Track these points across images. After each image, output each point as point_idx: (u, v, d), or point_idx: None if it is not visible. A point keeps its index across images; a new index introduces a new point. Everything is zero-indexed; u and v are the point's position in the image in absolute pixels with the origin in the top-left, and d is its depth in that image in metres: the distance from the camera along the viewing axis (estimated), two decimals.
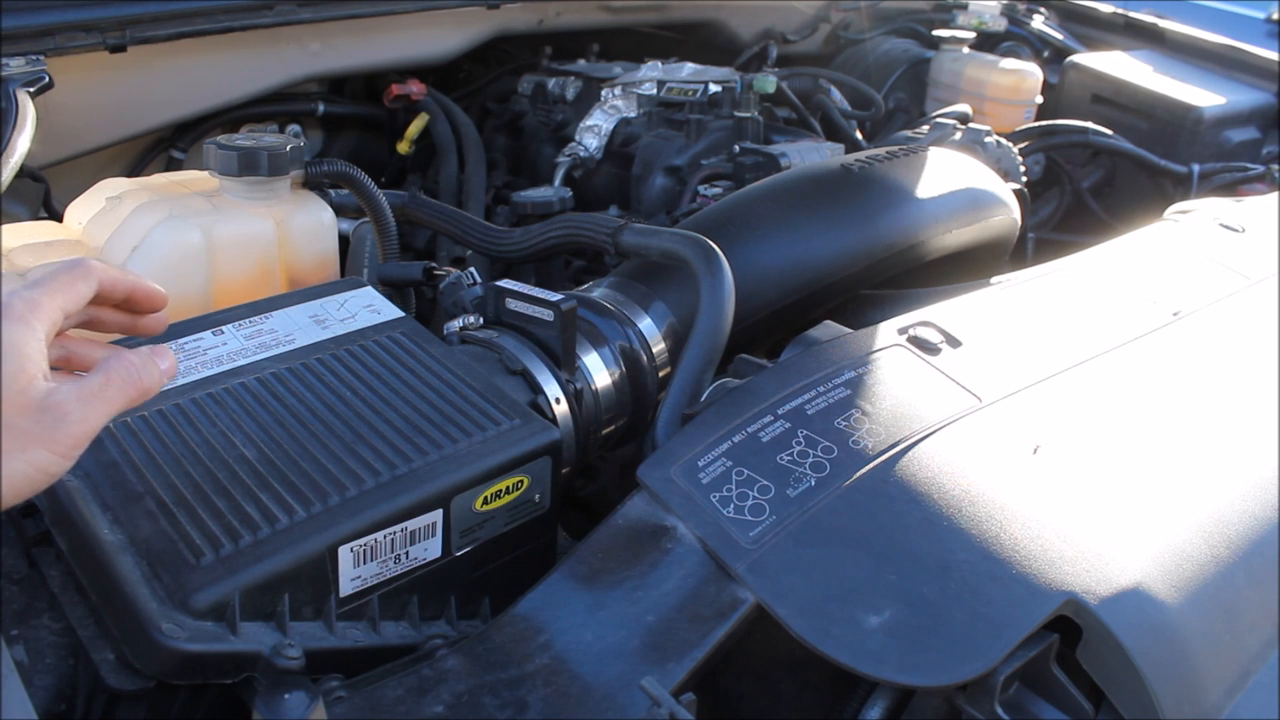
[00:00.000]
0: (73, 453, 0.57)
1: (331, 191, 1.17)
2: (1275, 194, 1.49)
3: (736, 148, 1.54)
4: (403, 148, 1.83)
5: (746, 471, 0.76)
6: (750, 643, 0.70)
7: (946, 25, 2.27)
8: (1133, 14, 2.36)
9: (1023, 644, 0.65)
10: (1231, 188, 1.83)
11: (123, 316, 0.69)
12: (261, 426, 0.79)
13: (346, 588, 0.73)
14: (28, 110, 1.16)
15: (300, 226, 1.09)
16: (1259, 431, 0.91)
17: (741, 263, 1.03)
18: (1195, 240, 1.22)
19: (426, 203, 1.26)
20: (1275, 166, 1.86)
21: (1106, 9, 2.44)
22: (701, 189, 1.51)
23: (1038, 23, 2.41)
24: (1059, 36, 2.37)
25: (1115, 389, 0.91)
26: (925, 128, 1.67)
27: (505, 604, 0.74)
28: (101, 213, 1.05)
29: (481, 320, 0.99)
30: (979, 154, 1.59)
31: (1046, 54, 2.32)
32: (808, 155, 1.52)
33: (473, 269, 1.08)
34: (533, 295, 0.95)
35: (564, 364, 0.94)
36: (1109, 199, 2.03)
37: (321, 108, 1.78)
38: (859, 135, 1.86)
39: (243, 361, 0.86)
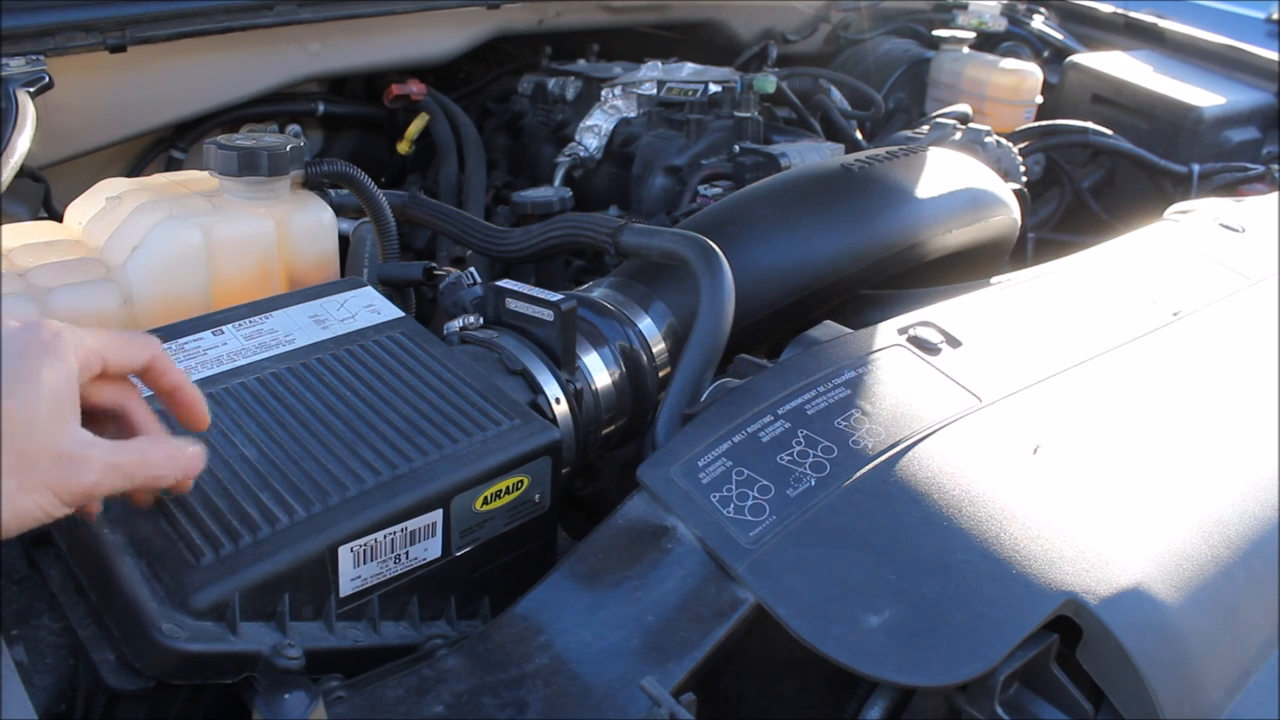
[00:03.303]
0: (76, 504, 0.57)
1: (331, 191, 1.17)
2: (1275, 194, 1.49)
3: (736, 148, 1.54)
4: (403, 148, 1.83)
5: (746, 471, 0.76)
6: (750, 643, 0.70)
7: (946, 25, 2.27)
8: (1133, 14, 2.36)
9: (1023, 644, 0.65)
10: (1231, 188, 1.83)
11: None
12: (261, 426, 0.79)
13: (346, 588, 0.73)
14: (28, 110, 1.16)
15: (300, 226, 1.09)
16: (1259, 431, 0.91)
17: (741, 263, 1.03)
18: (1195, 240, 1.22)
19: (426, 203, 1.26)
20: (1275, 166, 1.86)
21: (1106, 9, 2.44)
22: (701, 189, 1.51)
23: (1038, 23, 2.41)
24: (1059, 36, 2.37)
25: (1115, 389, 0.91)
26: (925, 128, 1.67)
27: (505, 604, 0.74)
28: (101, 213, 1.05)
29: (481, 320, 0.99)
30: (979, 154, 1.59)
31: (1046, 54, 2.32)
32: (808, 155, 1.52)
33: (473, 269, 1.08)
34: (533, 295, 0.95)
35: (564, 364, 0.94)
36: (1109, 199, 2.03)
37: (321, 108, 1.78)
38: (859, 135, 1.86)
39: (243, 361, 0.86)
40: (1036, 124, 1.90)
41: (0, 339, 0.55)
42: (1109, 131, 1.87)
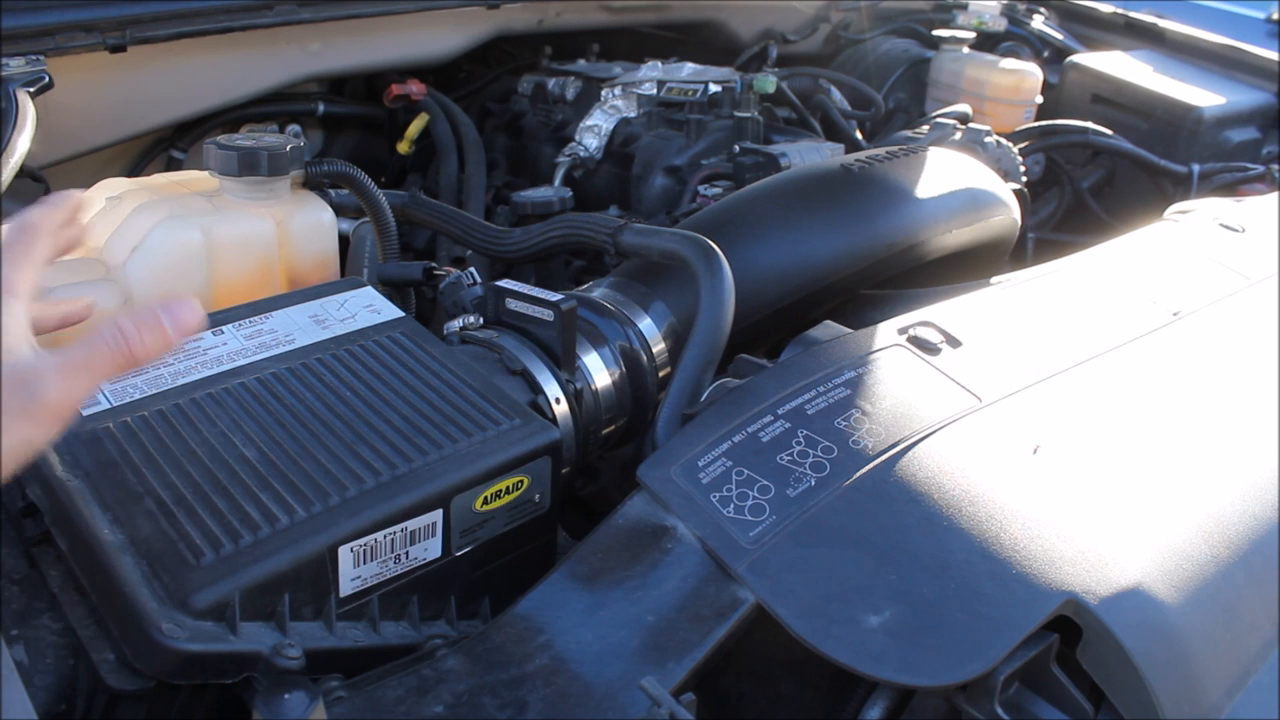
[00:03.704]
0: (55, 424, 0.56)
1: (331, 191, 1.17)
2: (1275, 194, 1.49)
3: (736, 148, 1.54)
4: (403, 148, 1.83)
5: (746, 471, 0.76)
6: (750, 643, 0.70)
7: (946, 25, 2.27)
8: (1133, 14, 2.36)
9: (1023, 644, 0.65)
10: (1231, 188, 1.82)
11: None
12: (261, 426, 0.79)
13: (346, 588, 0.73)
14: (28, 110, 1.16)
15: (300, 226, 1.09)
16: (1259, 431, 0.91)
17: (741, 263, 1.03)
18: (1195, 240, 1.22)
19: (426, 203, 1.26)
20: (1275, 166, 1.85)
21: (1106, 9, 2.44)
22: (701, 189, 1.51)
23: (1038, 23, 2.41)
24: (1059, 36, 2.37)
25: (1115, 389, 0.91)
26: (925, 128, 1.67)
27: (505, 604, 0.74)
28: (101, 213, 1.05)
29: (481, 320, 0.99)
30: (979, 154, 1.59)
31: (1046, 54, 2.32)
32: (808, 155, 1.52)
33: (473, 269, 1.08)
34: (533, 295, 0.95)
35: (564, 364, 0.94)
36: (1109, 199, 2.03)
37: (321, 108, 1.78)
38: (859, 135, 1.86)
39: (243, 361, 0.86)
40: (1036, 124, 1.89)
41: None
42: (1109, 131, 1.87)
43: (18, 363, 0.55)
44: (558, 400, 0.93)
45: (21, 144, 1.11)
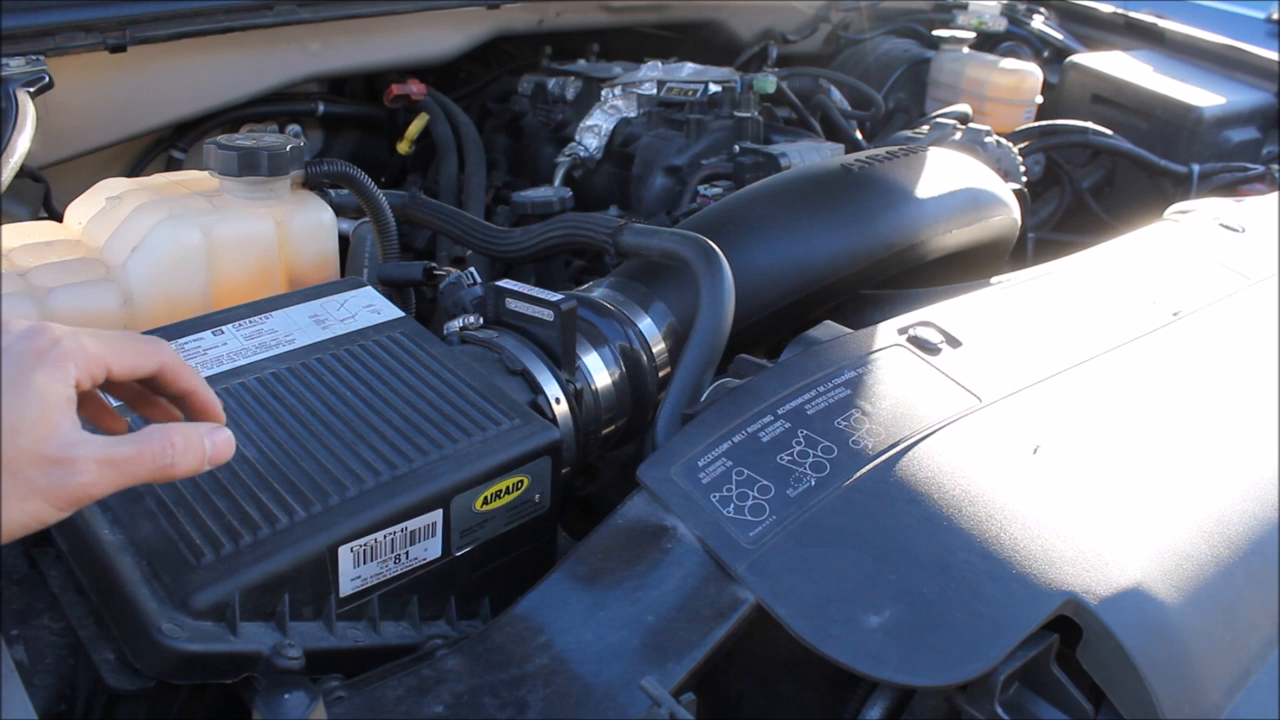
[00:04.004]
0: (72, 507, 0.55)
1: (331, 191, 1.17)
2: (1275, 194, 1.49)
3: (736, 148, 1.54)
4: (403, 148, 1.83)
5: (746, 471, 0.76)
6: (750, 643, 0.70)
7: (946, 25, 2.27)
8: (1133, 14, 2.36)
9: (1023, 644, 0.65)
10: (1231, 188, 1.83)
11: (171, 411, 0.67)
12: (261, 426, 0.79)
13: (346, 588, 0.73)
14: (28, 110, 1.16)
15: (300, 226, 1.09)
16: (1259, 431, 0.91)
17: (741, 263, 1.03)
18: (1195, 240, 1.22)
19: (426, 203, 1.26)
20: (1275, 166, 1.85)
21: (1106, 9, 2.44)
22: (701, 189, 1.51)
23: (1038, 23, 2.41)
24: (1059, 36, 2.37)
25: (1115, 389, 0.91)
26: (925, 128, 1.67)
27: (505, 604, 0.74)
28: (101, 213, 1.05)
29: (481, 320, 0.99)
30: (979, 154, 1.58)
31: (1046, 54, 2.32)
32: (808, 155, 1.52)
33: (473, 269, 1.08)
34: (533, 295, 0.95)
35: (564, 364, 0.94)
36: (1109, 199, 2.03)
37: (321, 108, 1.78)
38: (859, 135, 1.86)
39: (243, 361, 0.86)
40: (1036, 124, 1.89)
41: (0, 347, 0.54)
42: (1109, 131, 1.87)
43: (54, 439, 0.54)
44: (558, 400, 0.93)
45: (21, 144, 1.11)
